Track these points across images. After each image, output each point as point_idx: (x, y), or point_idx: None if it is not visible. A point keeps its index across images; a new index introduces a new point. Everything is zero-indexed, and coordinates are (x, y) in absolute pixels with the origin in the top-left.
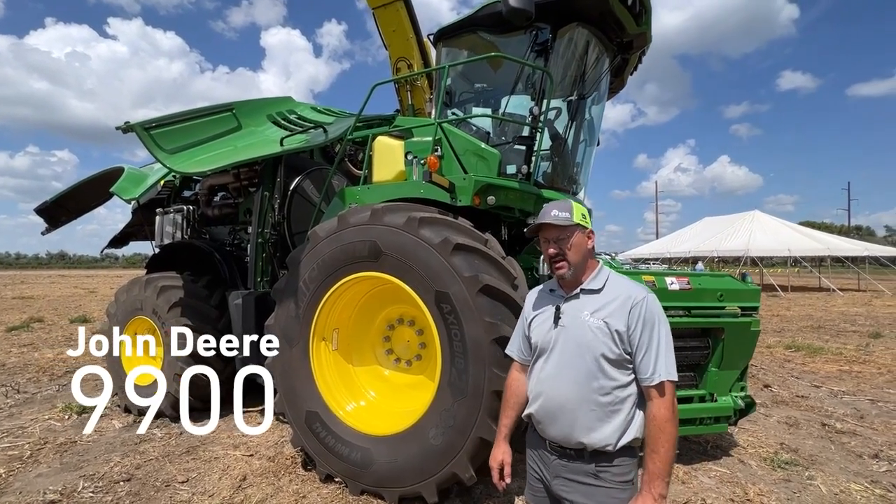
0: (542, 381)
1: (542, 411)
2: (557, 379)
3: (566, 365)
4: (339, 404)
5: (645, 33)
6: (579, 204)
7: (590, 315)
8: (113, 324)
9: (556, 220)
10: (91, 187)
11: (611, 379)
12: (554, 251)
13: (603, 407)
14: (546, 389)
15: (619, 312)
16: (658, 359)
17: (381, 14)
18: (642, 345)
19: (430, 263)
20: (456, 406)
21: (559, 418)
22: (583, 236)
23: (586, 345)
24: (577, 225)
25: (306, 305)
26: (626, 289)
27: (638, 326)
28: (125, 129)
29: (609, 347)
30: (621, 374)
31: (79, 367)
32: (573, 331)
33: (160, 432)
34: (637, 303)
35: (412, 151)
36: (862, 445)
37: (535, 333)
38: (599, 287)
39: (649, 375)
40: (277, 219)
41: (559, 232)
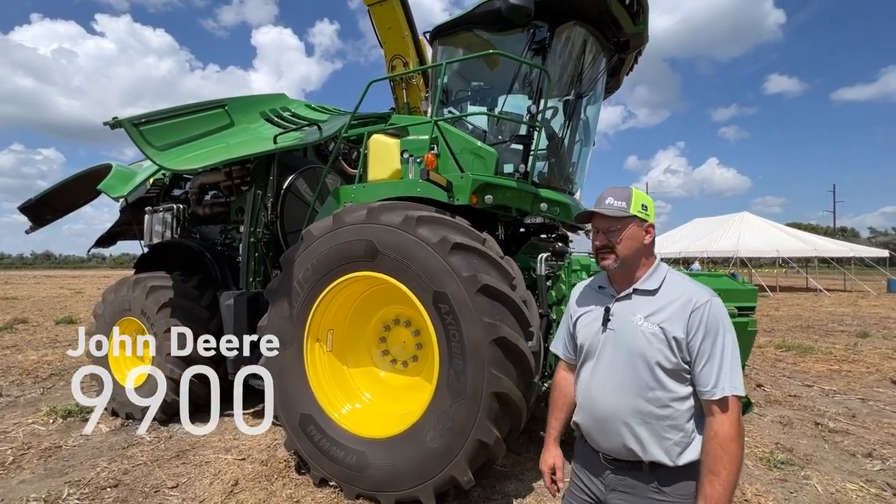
0: (591, 388)
1: (592, 422)
2: (607, 388)
3: (617, 373)
4: (334, 406)
5: (642, 33)
6: (642, 193)
7: (643, 319)
8: (100, 325)
9: (609, 210)
10: (78, 185)
11: (668, 390)
12: (601, 242)
13: (660, 420)
14: (595, 398)
15: (677, 317)
16: (722, 370)
17: (376, 11)
18: (703, 354)
19: (427, 263)
20: (454, 408)
21: (610, 430)
22: (639, 229)
23: (639, 352)
24: (632, 217)
25: (300, 306)
26: (687, 290)
27: (699, 333)
28: (113, 125)
29: (665, 356)
30: (679, 386)
31: (63, 370)
32: (624, 336)
33: (149, 436)
34: (699, 307)
35: (408, 150)
36: (855, 444)
37: (582, 334)
38: (655, 287)
39: (710, 388)
40: (270, 218)
41: (610, 223)
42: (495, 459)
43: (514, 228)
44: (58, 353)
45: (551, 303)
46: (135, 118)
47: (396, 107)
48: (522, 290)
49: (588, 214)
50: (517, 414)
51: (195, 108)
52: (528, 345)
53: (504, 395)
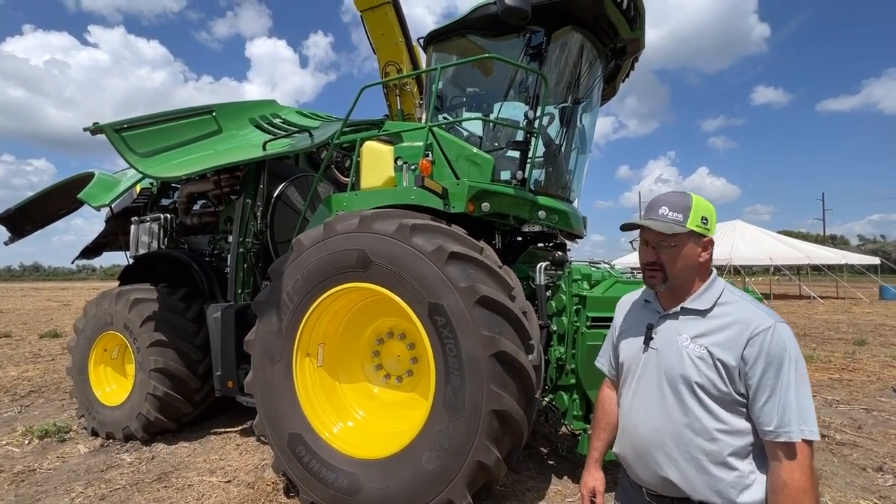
0: (629, 414)
1: (631, 451)
2: (645, 413)
3: (656, 397)
4: (325, 425)
5: (638, 38)
6: (703, 201)
7: (689, 340)
8: (81, 339)
9: (660, 225)
10: (59, 194)
11: (717, 419)
12: (649, 259)
13: (708, 456)
14: (635, 424)
15: (731, 342)
16: (787, 407)
17: (369, 17)
18: (764, 387)
19: (422, 273)
20: (451, 427)
21: (650, 461)
22: (695, 247)
23: (682, 375)
24: (689, 232)
25: (289, 319)
26: (746, 313)
27: (759, 363)
28: (94, 131)
29: (712, 382)
30: (733, 417)
31: (44, 386)
32: (665, 357)
33: (129, 457)
34: (759, 332)
35: (402, 157)
36: (864, 458)
37: (624, 351)
38: (706, 308)
39: (774, 428)
40: (260, 227)
41: (661, 237)
42: (495, 481)
43: (510, 237)
44: (40, 368)
45: (551, 313)
46: (116, 123)
47: (390, 114)
48: (522, 301)
49: (635, 225)
50: (518, 432)
51: (181, 114)
52: (528, 358)
53: (504, 412)
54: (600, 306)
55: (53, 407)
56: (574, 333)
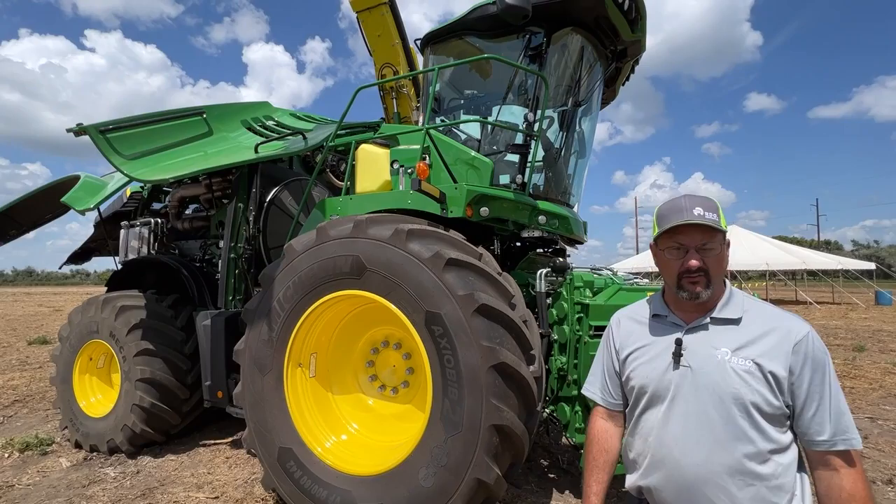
0: (666, 443)
1: (670, 486)
2: (690, 441)
3: (703, 421)
4: (317, 439)
5: (640, 41)
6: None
7: (731, 353)
8: (65, 348)
9: (707, 221)
10: (44, 198)
11: (770, 440)
12: (697, 263)
13: (763, 481)
14: (674, 456)
15: (776, 351)
16: (840, 416)
17: (365, 18)
18: (813, 395)
19: (419, 281)
20: (449, 442)
21: (699, 496)
22: (726, 248)
23: (732, 394)
24: (725, 232)
25: (281, 327)
26: (782, 320)
27: (806, 371)
28: (77, 132)
29: (764, 398)
30: (780, 434)
31: (29, 395)
32: (706, 374)
33: (113, 471)
34: (801, 339)
35: (398, 160)
36: (873, 469)
37: (640, 374)
38: (737, 316)
39: (830, 437)
40: (252, 232)
41: (707, 238)
42: (495, 499)
43: (508, 242)
44: (26, 376)
45: (552, 322)
46: (101, 124)
47: (386, 117)
48: (522, 310)
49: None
50: (519, 447)
51: (170, 115)
52: (529, 370)
53: (505, 427)
54: (603, 315)
55: (37, 418)
56: (576, 343)
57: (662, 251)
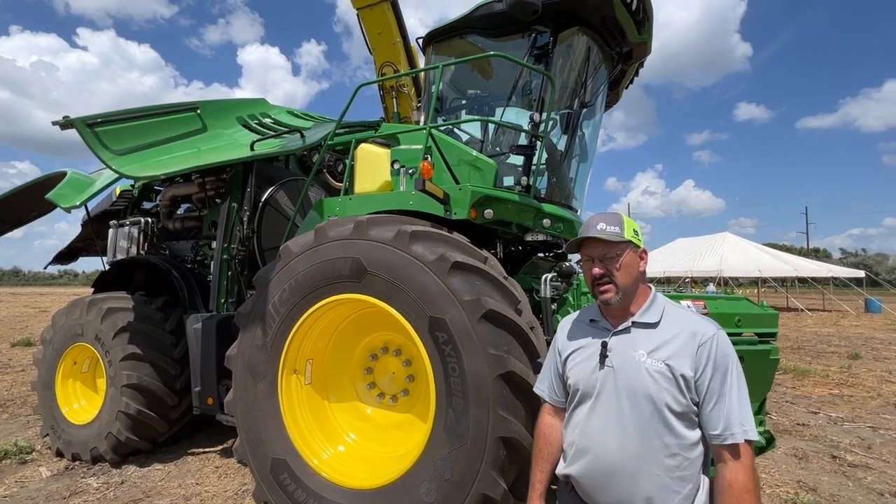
0: (588, 435)
1: (590, 474)
2: (608, 433)
3: (620, 417)
4: (312, 450)
5: (646, 42)
6: (630, 218)
7: (646, 355)
8: (48, 351)
9: (604, 234)
10: (30, 195)
11: (677, 436)
12: (599, 271)
13: (669, 471)
14: (593, 446)
15: (683, 352)
16: (732, 412)
17: (366, 15)
18: (712, 393)
19: (423, 285)
20: (453, 455)
21: (612, 483)
22: (634, 256)
23: (644, 393)
24: (628, 242)
25: (275, 332)
26: (690, 323)
27: (707, 370)
28: (63, 125)
29: (674, 397)
30: (688, 431)
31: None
32: (626, 374)
33: (96, 482)
34: (706, 341)
35: (399, 160)
36: (879, 481)
37: (574, 374)
38: (655, 320)
39: (721, 432)
40: (246, 233)
41: (606, 248)
42: None
43: (510, 246)
44: (7, 380)
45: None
46: (89, 118)
47: (386, 116)
48: (529, 316)
49: (579, 242)
50: (527, 460)
51: (162, 110)
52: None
53: (513, 440)
54: None
55: (18, 424)
56: None
57: (582, 263)
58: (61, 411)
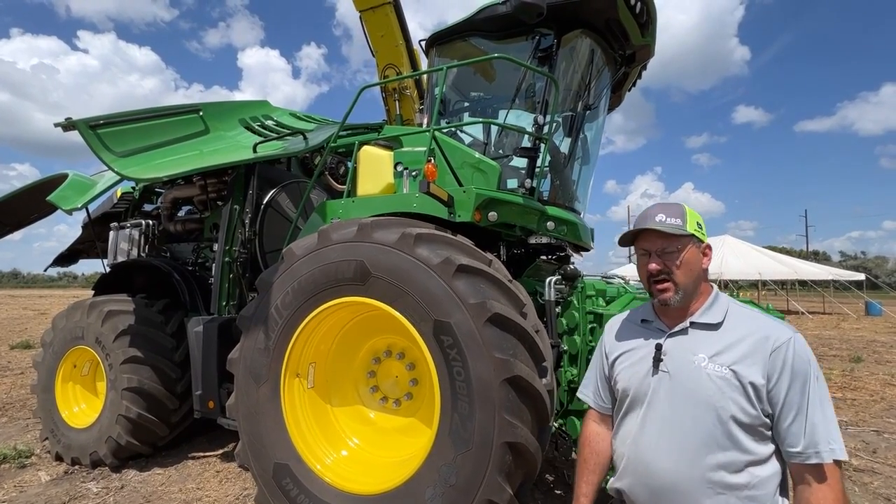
0: (640, 446)
1: (643, 490)
2: (661, 446)
3: (675, 427)
4: (315, 455)
5: (649, 45)
6: (693, 210)
7: (707, 360)
8: (48, 354)
9: (664, 226)
10: (31, 197)
11: (745, 451)
12: (657, 267)
13: (735, 490)
14: (647, 460)
15: (753, 357)
16: (817, 426)
17: (369, 18)
18: (790, 405)
19: (428, 288)
20: (458, 460)
21: (668, 502)
22: (697, 252)
23: (705, 401)
24: (690, 235)
25: (278, 336)
26: (761, 325)
27: (783, 379)
28: (66, 127)
29: (740, 406)
30: (759, 445)
31: (9, 403)
32: (683, 380)
33: (96, 486)
34: (780, 345)
35: (402, 162)
36: (885, 486)
37: (624, 378)
38: (718, 321)
39: (803, 450)
40: (248, 235)
41: (666, 242)
42: None
43: (513, 249)
44: (6, 383)
45: (562, 332)
46: (91, 119)
47: (388, 119)
48: (534, 319)
49: (634, 234)
50: (532, 465)
51: (165, 112)
52: (542, 383)
53: (519, 445)
54: None
55: (17, 427)
56: (588, 354)
57: (636, 257)
58: (61, 415)
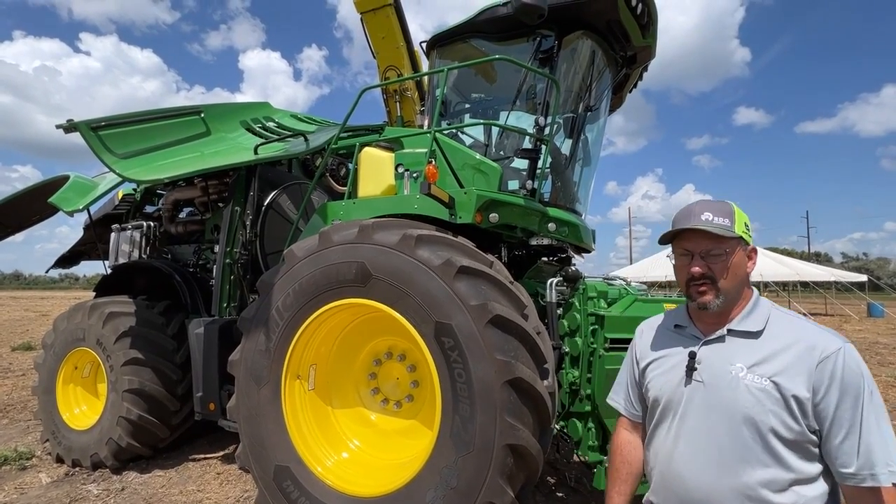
0: (674, 459)
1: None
2: (697, 460)
3: (711, 441)
4: (316, 457)
5: (650, 46)
6: (740, 210)
7: (746, 370)
8: (49, 356)
9: (712, 226)
10: (32, 198)
11: (788, 469)
12: (700, 270)
13: None
14: (680, 474)
15: (797, 369)
16: (872, 446)
17: (370, 19)
18: (841, 422)
19: (429, 289)
20: (460, 462)
21: None
22: (743, 255)
23: (743, 414)
24: (738, 238)
25: (279, 337)
26: (807, 334)
27: (832, 393)
28: (67, 128)
29: (782, 421)
30: (805, 463)
31: (10, 405)
32: (718, 391)
33: (96, 488)
34: (828, 356)
35: (403, 164)
36: None
37: (655, 386)
38: (758, 329)
39: (857, 471)
40: (249, 237)
41: (712, 244)
42: None
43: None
44: (8, 384)
45: (563, 333)
46: (93, 121)
47: (389, 120)
48: (535, 321)
49: (674, 233)
50: (534, 468)
51: (166, 114)
52: (544, 384)
53: (520, 447)
54: (620, 327)
55: (18, 429)
56: (590, 356)
57: (675, 257)
58: (62, 416)
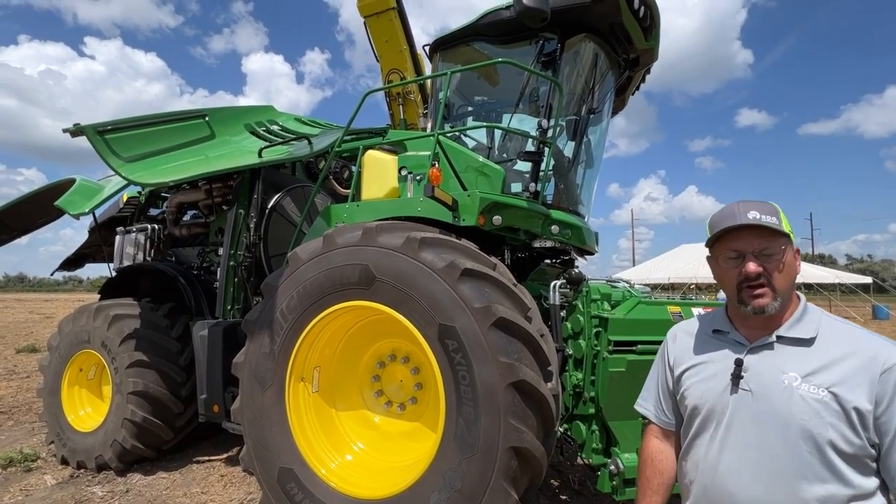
0: (719, 472)
1: None
2: (746, 473)
3: (763, 453)
4: (320, 459)
5: (652, 49)
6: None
7: (800, 380)
8: (54, 358)
9: (766, 222)
10: (38, 202)
11: (847, 484)
12: (756, 269)
13: None
14: (727, 487)
15: (857, 379)
16: None
17: (373, 23)
18: None
19: (432, 292)
20: (464, 465)
21: None
22: (793, 255)
23: (800, 426)
24: (788, 236)
25: (283, 340)
26: (866, 343)
27: (894, 407)
28: (74, 132)
29: (842, 434)
30: (862, 478)
31: (15, 407)
32: (770, 402)
33: (101, 490)
34: (892, 366)
35: (406, 166)
36: None
37: (695, 394)
38: (810, 336)
39: None
40: (253, 239)
41: (766, 242)
42: None
43: (517, 253)
44: (12, 386)
45: (567, 336)
46: (99, 125)
47: (392, 123)
48: (539, 323)
49: (720, 234)
50: (538, 470)
51: (171, 117)
52: (548, 387)
53: (524, 450)
54: (623, 329)
55: (23, 431)
56: (594, 358)
57: (718, 260)
58: (67, 418)
